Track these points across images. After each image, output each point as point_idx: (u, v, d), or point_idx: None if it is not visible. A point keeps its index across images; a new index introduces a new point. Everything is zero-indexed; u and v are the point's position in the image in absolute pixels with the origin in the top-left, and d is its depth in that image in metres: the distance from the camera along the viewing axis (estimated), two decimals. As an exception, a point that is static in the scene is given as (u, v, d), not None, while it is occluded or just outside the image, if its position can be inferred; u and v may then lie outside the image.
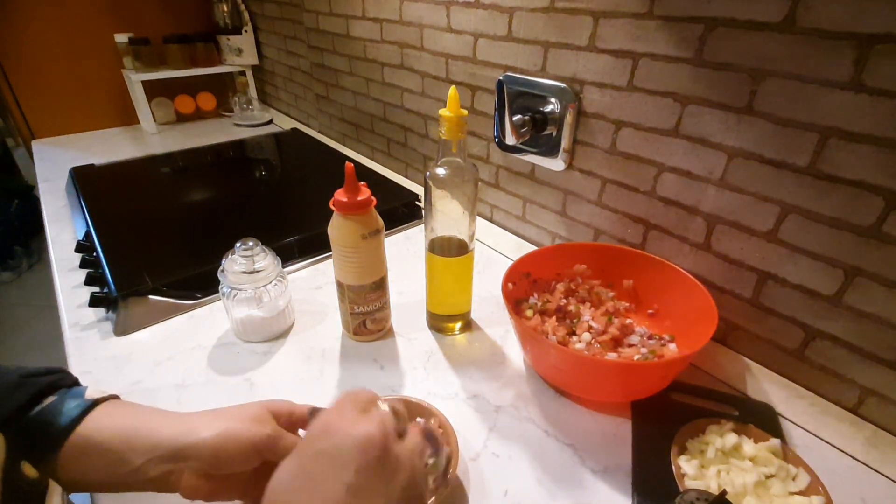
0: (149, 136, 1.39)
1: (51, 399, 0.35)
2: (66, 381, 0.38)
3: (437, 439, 0.43)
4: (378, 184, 1.00)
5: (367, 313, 0.59)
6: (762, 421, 0.49)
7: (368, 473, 0.28)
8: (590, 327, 0.57)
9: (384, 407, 0.33)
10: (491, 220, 0.88)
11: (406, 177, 1.07)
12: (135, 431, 0.35)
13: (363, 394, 0.34)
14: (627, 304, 0.62)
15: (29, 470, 0.28)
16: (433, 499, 0.39)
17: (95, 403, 0.36)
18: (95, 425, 0.34)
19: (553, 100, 0.67)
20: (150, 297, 0.66)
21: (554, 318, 0.59)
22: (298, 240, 0.78)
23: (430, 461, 0.40)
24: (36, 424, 0.34)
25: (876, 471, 0.46)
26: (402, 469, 0.30)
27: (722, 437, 0.45)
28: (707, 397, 0.52)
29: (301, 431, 0.38)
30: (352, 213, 0.52)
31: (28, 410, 0.34)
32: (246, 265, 0.57)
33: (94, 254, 0.74)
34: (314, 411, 0.37)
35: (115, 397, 0.38)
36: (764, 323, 0.54)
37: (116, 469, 0.34)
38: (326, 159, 1.18)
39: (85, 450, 0.34)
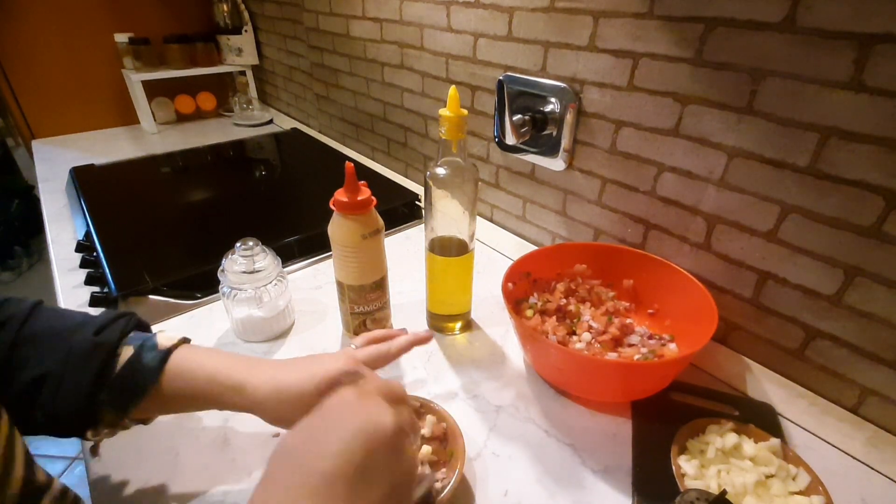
0: (149, 136, 1.39)
1: (127, 351, 0.39)
2: (132, 324, 0.41)
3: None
4: (378, 184, 0.99)
5: (367, 313, 0.59)
6: (762, 421, 0.49)
7: (379, 460, 0.29)
8: (590, 327, 0.57)
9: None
10: (491, 220, 0.88)
11: (406, 177, 1.07)
12: (210, 381, 0.39)
13: (395, 386, 0.35)
14: (627, 304, 0.62)
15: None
16: (440, 497, 0.39)
17: (170, 352, 0.40)
18: (175, 373, 0.39)
19: (553, 100, 0.67)
20: (151, 296, 0.66)
21: (554, 318, 0.58)
22: (298, 240, 0.78)
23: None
24: (123, 381, 0.38)
25: (876, 471, 0.46)
26: (404, 468, 0.31)
27: (722, 437, 0.45)
28: (707, 397, 0.52)
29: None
30: (352, 213, 0.52)
31: (110, 369, 0.38)
32: (246, 265, 0.57)
33: (95, 254, 0.74)
34: (347, 374, 0.39)
35: (186, 340, 0.42)
36: (764, 323, 0.54)
37: (192, 407, 0.41)
38: (326, 159, 1.18)
39: (166, 395, 0.38)
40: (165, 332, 0.42)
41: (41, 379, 0.36)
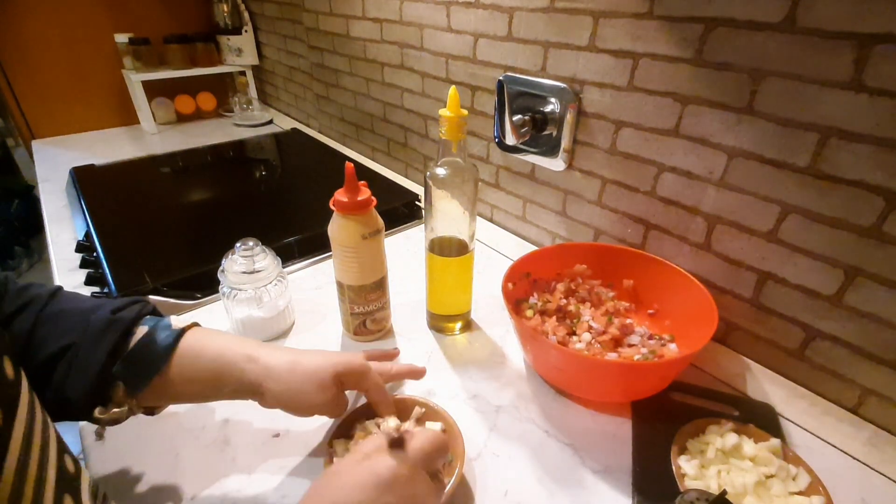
0: (149, 136, 1.39)
1: (142, 329, 0.40)
2: (146, 309, 0.43)
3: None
4: (378, 184, 1.00)
5: (367, 313, 0.59)
6: (762, 421, 0.49)
7: None
8: (590, 327, 0.57)
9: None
10: (491, 220, 0.88)
11: (406, 177, 1.07)
12: (221, 355, 0.41)
13: (444, 453, 0.37)
14: (627, 304, 0.62)
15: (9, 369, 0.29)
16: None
17: (183, 332, 0.41)
18: (187, 351, 0.40)
19: (553, 100, 0.67)
20: (151, 297, 0.66)
21: (554, 318, 0.58)
22: (298, 240, 0.78)
23: None
24: (136, 357, 0.39)
25: (876, 471, 0.46)
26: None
27: (722, 437, 0.45)
28: (707, 397, 0.52)
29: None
30: (352, 213, 0.52)
31: (125, 344, 0.39)
32: (246, 265, 0.57)
33: (95, 254, 0.74)
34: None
35: (196, 324, 0.44)
36: (764, 323, 0.54)
37: (204, 389, 0.42)
38: (326, 159, 1.18)
39: (177, 374, 0.40)
40: (180, 317, 0.44)
41: (58, 354, 0.37)
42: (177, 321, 0.42)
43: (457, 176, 0.53)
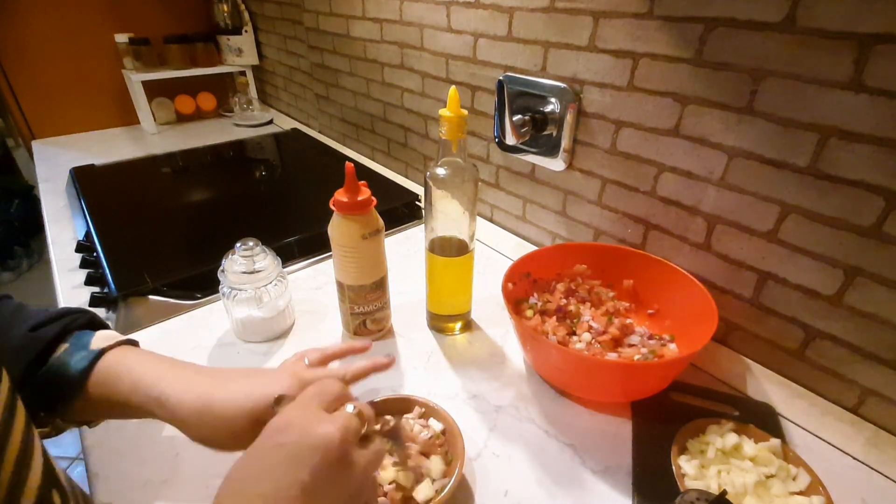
0: (149, 136, 1.39)
1: (62, 348, 0.36)
2: (77, 323, 0.38)
3: (400, 438, 0.44)
4: (378, 184, 1.00)
5: (367, 313, 0.59)
6: (762, 421, 0.49)
7: (323, 475, 0.28)
8: (590, 327, 0.57)
9: (350, 409, 0.32)
10: (491, 220, 0.88)
11: (406, 177, 1.07)
12: (134, 390, 0.36)
13: (332, 388, 0.33)
14: (627, 304, 0.62)
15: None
16: (438, 498, 0.39)
17: (101, 353, 0.37)
18: (102, 377, 0.36)
19: (553, 100, 0.67)
20: (151, 297, 0.66)
21: (554, 318, 0.58)
22: (298, 240, 0.78)
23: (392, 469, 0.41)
24: (48, 381, 0.35)
25: (876, 471, 0.46)
26: (356, 476, 0.30)
27: (722, 437, 0.45)
28: (707, 397, 0.52)
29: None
30: (352, 213, 0.52)
31: (38, 368, 0.35)
32: (246, 265, 0.57)
33: (95, 254, 0.74)
34: (279, 399, 0.34)
35: (130, 342, 0.40)
36: (764, 323, 0.54)
37: (125, 415, 0.37)
38: (326, 159, 1.18)
39: (94, 400, 0.36)
40: (112, 332, 0.40)
41: None
42: (100, 339, 0.37)
43: (457, 176, 0.53)
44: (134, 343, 0.40)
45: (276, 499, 0.27)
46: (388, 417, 0.44)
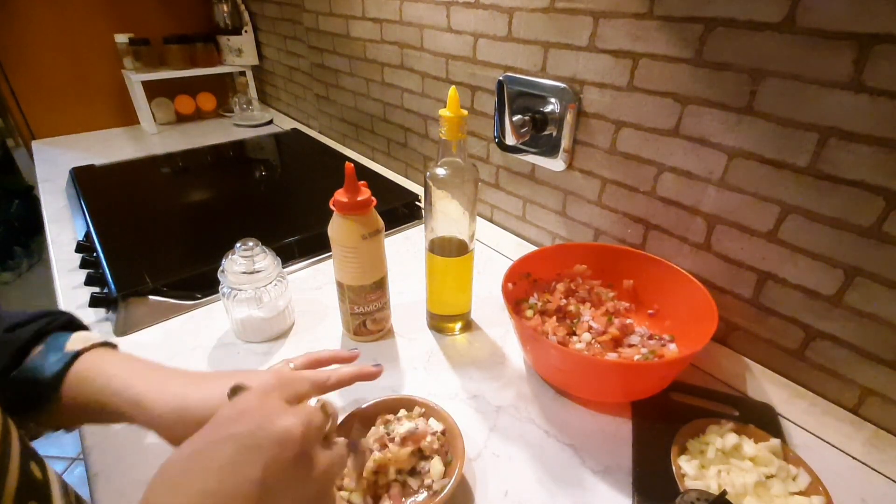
0: (149, 137, 1.39)
1: (38, 350, 0.35)
2: (54, 324, 0.37)
3: (360, 448, 0.41)
4: (378, 184, 1.00)
5: (367, 313, 0.59)
6: (762, 421, 0.49)
7: (280, 472, 0.25)
8: (590, 327, 0.57)
9: (313, 403, 0.30)
10: (491, 220, 0.88)
11: (406, 177, 1.07)
12: (109, 393, 0.34)
13: (296, 382, 0.31)
14: (627, 304, 0.62)
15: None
16: (438, 499, 0.39)
17: (76, 356, 0.35)
18: (76, 380, 0.34)
19: (553, 100, 0.67)
20: (151, 297, 0.66)
21: (554, 318, 0.58)
22: (298, 240, 0.78)
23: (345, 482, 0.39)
24: (21, 383, 0.33)
25: (876, 471, 0.46)
26: (315, 478, 0.27)
27: (722, 438, 0.45)
28: (707, 397, 0.52)
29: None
30: (352, 214, 0.52)
31: (11, 370, 0.33)
32: (246, 265, 0.57)
33: (94, 254, 0.74)
34: (236, 389, 0.32)
35: (106, 344, 0.38)
36: (764, 323, 0.54)
37: (101, 419, 0.36)
38: (326, 159, 1.18)
39: (69, 403, 0.34)
40: (89, 333, 0.39)
41: None
42: (76, 341, 0.36)
43: (457, 176, 0.53)
44: (112, 346, 0.39)
45: (224, 495, 0.23)
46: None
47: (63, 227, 0.88)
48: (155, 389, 0.35)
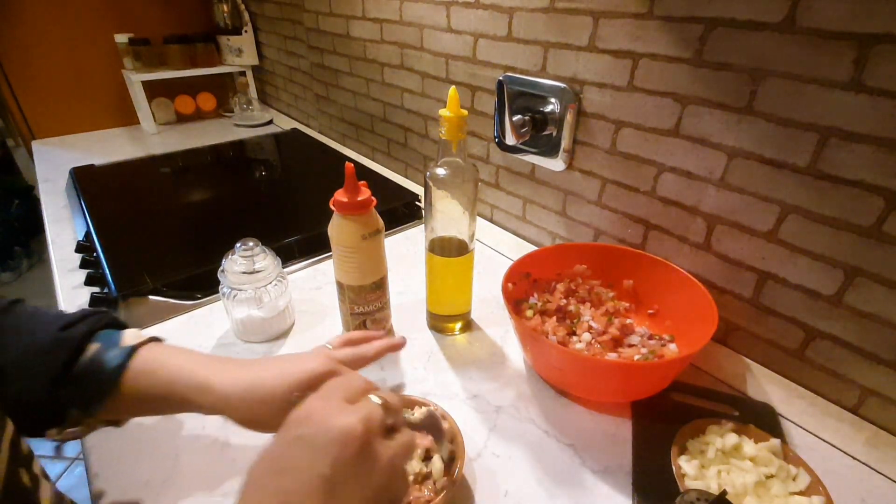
0: (149, 137, 1.39)
1: (94, 347, 0.37)
2: (102, 322, 0.40)
3: (441, 429, 0.43)
4: (378, 184, 1.00)
5: (367, 313, 0.59)
6: (762, 421, 0.49)
7: (345, 468, 0.27)
8: (590, 327, 0.57)
9: (375, 399, 0.31)
10: (491, 220, 0.88)
11: (406, 177, 1.07)
12: (174, 381, 0.38)
13: (355, 381, 0.33)
14: (627, 305, 0.62)
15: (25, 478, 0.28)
16: (439, 498, 0.39)
17: (134, 350, 0.38)
18: (137, 373, 0.37)
19: (553, 100, 0.67)
20: (151, 297, 0.66)
21: (554, 318, 0.58)
22: (298, 240, 0.78)
23: (425, 465, 0.40)
24: (81, 378, 0.36)
25: (876, 471, 0.46)
26: (381, 469, 0.29)
27: (722, 438, 0.45)
28: (707, 397, 0.52)
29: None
30: (352, 214, 0.52)
31: (72, 365, 0.36)
32: (246, 265, 0.57)
33: (95, 254, 0.74)
34: (300, 395, 0.35)
35: (156, 339, 0.41)
36: (764, 323, 0.54)
37: (160, 409, 0.39)
38: (326, 159, 1.18)
39: (128, 395, 0.37)
40: (138, 330, 0.41)
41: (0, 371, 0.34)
42: (129, 337, 0.39)
43: (457, 176, 0.53)
44: (161, 340, 0.42)
45: (298, 493, 0.26)
46: (426, 408, 0.46)
47: (63, 227, 0.88)
48: (218, 375, 0.38)
